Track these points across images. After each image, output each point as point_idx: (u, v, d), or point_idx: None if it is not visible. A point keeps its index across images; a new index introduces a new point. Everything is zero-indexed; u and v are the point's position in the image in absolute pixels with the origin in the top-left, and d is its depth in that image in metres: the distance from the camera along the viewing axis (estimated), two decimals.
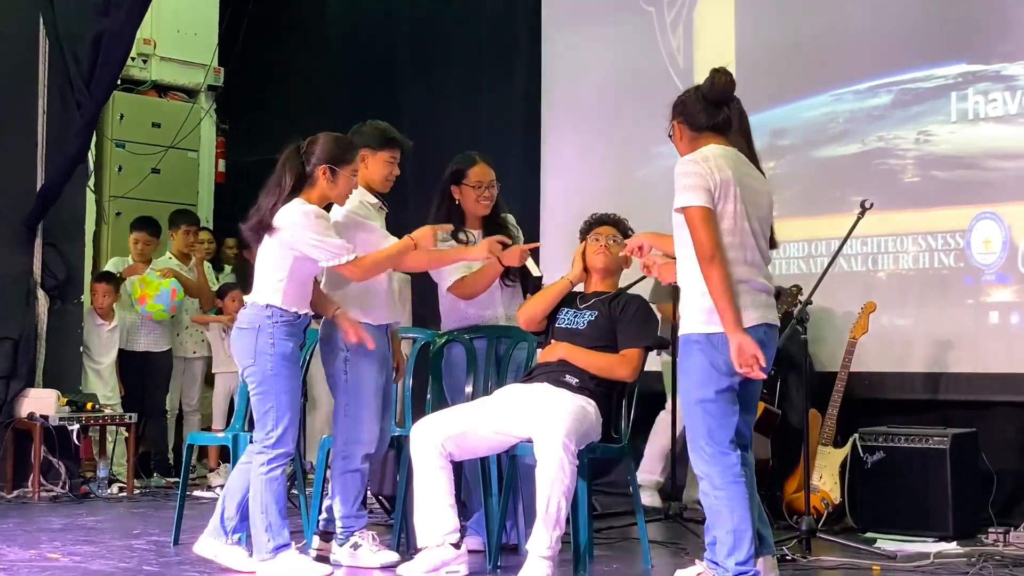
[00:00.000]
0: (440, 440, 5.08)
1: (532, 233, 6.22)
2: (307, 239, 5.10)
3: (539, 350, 5.60)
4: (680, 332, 4.55)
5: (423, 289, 6.89)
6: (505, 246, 5.53)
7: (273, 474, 5.07)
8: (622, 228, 5.59)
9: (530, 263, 5.66)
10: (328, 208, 5.34)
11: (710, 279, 4.37)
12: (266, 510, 5.04)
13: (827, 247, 6.89)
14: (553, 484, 4.83)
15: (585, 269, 5.54)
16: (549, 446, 4.86)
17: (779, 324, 4.66)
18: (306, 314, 5.22)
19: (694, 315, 4.47)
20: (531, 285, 5.85)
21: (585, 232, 5.62)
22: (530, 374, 5.46)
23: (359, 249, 5.23)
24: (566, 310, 5.47)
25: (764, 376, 4.43)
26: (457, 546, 5.05)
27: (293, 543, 5.13)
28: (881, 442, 6.40)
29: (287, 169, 5.19)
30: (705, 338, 4.42)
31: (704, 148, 4.54)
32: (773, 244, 4.73)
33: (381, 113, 8.82)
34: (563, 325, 5.45)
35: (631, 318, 5.37)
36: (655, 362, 6.44)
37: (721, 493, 4.40)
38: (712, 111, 4.58)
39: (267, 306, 5.12)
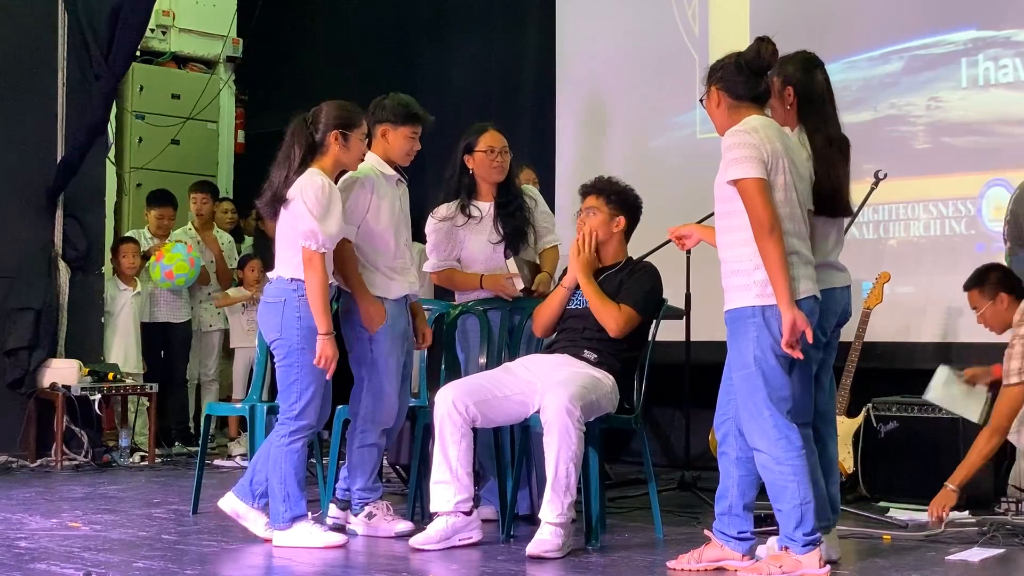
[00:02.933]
0: (466, 406, 5.10)
1: (547, 202, 6.24)
2: (299, 209, 5.11)
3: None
4: (728, 306, 4.51)
5: None
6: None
7: (294, 446, 5.13)
8: (605, 193, 5.50)
9: (516, 280, 5.74)
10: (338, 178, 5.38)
11: (768, 253, 4.35)
12: (284, 480, 5.11)
13: None
14: (559, 449, 4.88)
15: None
16: (553, 411, 4.91)
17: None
18: (331, 285, 5.23)
19: (747, 288, 4.45)
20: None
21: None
22: (551, 346, 5.50)
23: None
24: (579, 292, 5.48)
25: (801, 355, 4.41)
26: (469, 513, 5.11)
27: (310, 513, 5.20)
28: (895, 412, 6.44)
29: (295, 141, 5.23)
30: (760, 311, 4.42)
31: (750, 119, 4.52)
32: (848, 211, 4.76)
33: (397, 82, 8.88)
34: (572, 306, 5.48)
35: (636, 283, 5.40)
36: (673, 332, 6.46)
37: (786, 468, 4.40)
38: (754, 81, 4.57)
39: (292, 280, 5.14)
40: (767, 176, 4.41)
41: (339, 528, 5.48)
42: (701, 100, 4.72)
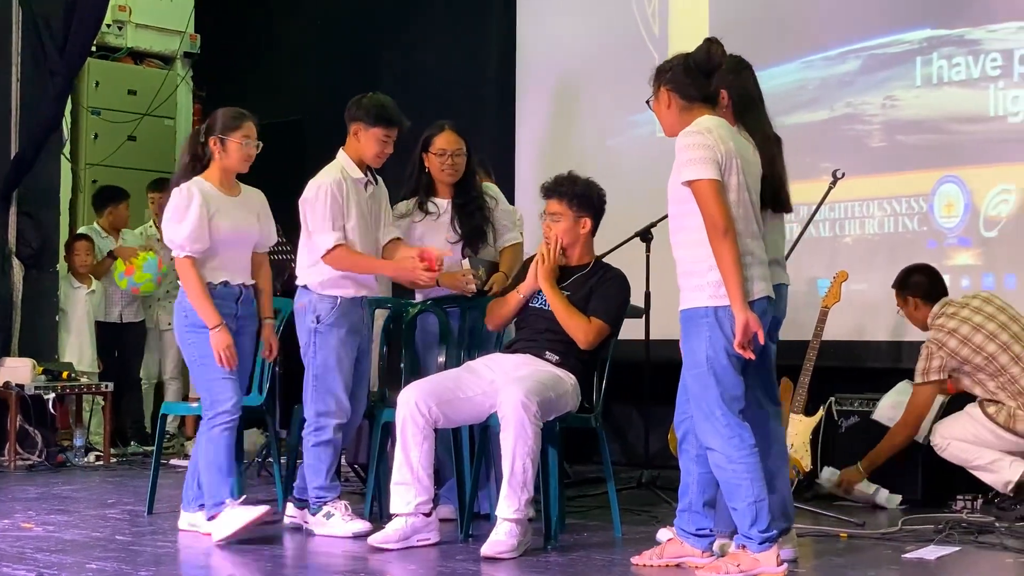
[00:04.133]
0: (429, 407, 5.08)
1: (507, 200, 6.24)
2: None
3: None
4: (682, 306, 4.53)
5: None
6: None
7: (212, 432, 5.25)
8: (568, 196, 5.40)
9: (469, 277, 5.72)
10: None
11: (722, 254, 4.35)
12: (208, 468, 5.23)
13: (795, 213, 6.86)
14: (515, 445, 4.87)
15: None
16: (509, 407, 4.90)
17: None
18: (236, 284, 5.40)
19: (700, 288, 4.45)
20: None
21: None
22: (512, 344, 5.48)
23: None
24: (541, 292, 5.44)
25: (752, 356, 4.43)
26: (428, 515, 5.10)
27: (230, 501, 5.19)
28: (857, 407, 6.48)
29: (185, 149, 5.51)
30: (713, 311, 4.42)
31: (702, 119, 4.52)
32: (788, 208, 4.79)
33: (357, 79, 8.91)
34: (534, 305, 5.44)
35: (608, 293, 5.35)
36: (633, 330, 6.47)
37: (739, 466, 4.41)
38: (704, 82, 4.57)
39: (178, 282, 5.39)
40: (721, 177, 4.42)
41: (296, 528, 5.46)
42: (648, 102, 4.71)
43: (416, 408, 5.07)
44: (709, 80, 4.58)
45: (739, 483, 4.42)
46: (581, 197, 5.41)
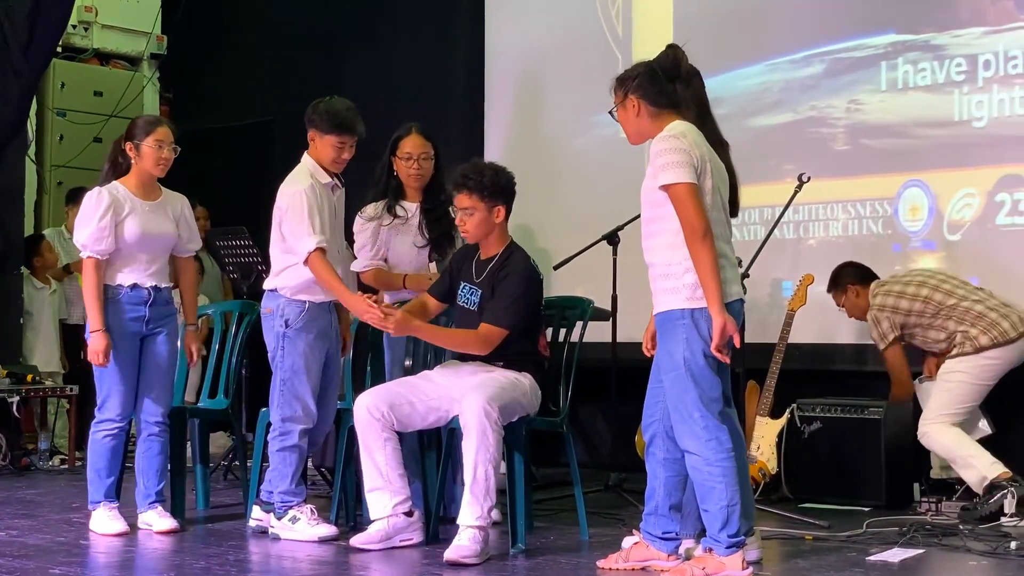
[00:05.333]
0: (384, 411, 5.10)
1: None
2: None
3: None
4: (658, 309, 4.53)
5: None
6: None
7: (96, 436, 5.54)
8: (479, 189, 5.22)
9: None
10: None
11: (701, 257, 4.37)
12: (90, 467, 5.56)
13: (760, 215, 6.96)
14: (477, 452, 4.87)
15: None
16: (471, 414, 4.90)
17: None
18: (146, 287, 5.52)
19: (676, 291, 4.46)
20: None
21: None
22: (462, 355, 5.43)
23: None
24: (464, 285, 5.36)
25: (728, 360, 4.46)
26: (409, 514, 5.12)
27: (104, 502, 5.50)
28: (819, 412, 6.50)
29: (106, 156, 5.66)
30: (689, 313, 4.43)
31: (676, 124, 4.53)
32: (737, 212, 4.80)
33: (323, 80, 8.90)
34: (461, 303, 5.38)
35: (501, 292, 5.24)
36: (598, 333, 6.47)
37: (716, 470, 4.42)
38: (671, 87, 4.59)
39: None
40: (697, 181, 4.43)
41: (262, 531, 5.45)
42: (611, 112, 4.70)
43: (369, 414, 5.10)
44: (675, 85, 4.60)
45: (714, 486, 4.43)
46: (492, 187, 5.25)
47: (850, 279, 6.49)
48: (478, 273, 5.34)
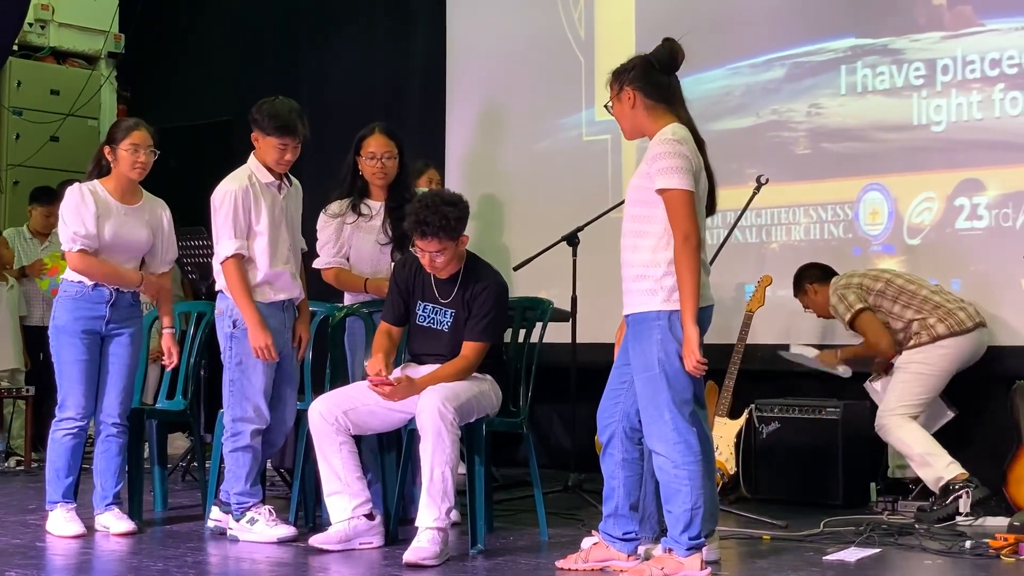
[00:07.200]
0: (336, 416, 5.11)
1: None
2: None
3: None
4: (633, 310, 4.53)
5: None
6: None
7: (55, 435, 5.55)
8: (445, 230, 5.08)
9: None
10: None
11: (687, 264, 4.37)
12: (49, 467, 5.58)
13: (723, 219, 6.97)
14: (434, 453, 4.87)
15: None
16: (426, 415, 4.90)
17: None
18: (109, 288, 5.52)
19: (653, 292, 4.47)
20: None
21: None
22: (418, 355, 5.40)
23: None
24: (425, 304, 5.32)
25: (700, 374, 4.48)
26: (370, 517, 5.11)
27: (62, 503, 5.49)
28: (776, 413, 6.55)
29: (92, 158, 5.67)
30: (666, 315, 4.44)
31: (676, 128, 4.52)
32: (712, 211, 4.77)
33: (281, 79, 8.87)
34: (424, 324, 5.33)
35: (477, 311, 5.21)
36: (558, 334, 6.48)
37: (682, 472, 4.43)
38: (666, 80, 4.59)
39: (63, 279, 5.62)
40: (695, 188, 4.44)
41: (221, 532, 5.43)
42: (607, 106, 4.70)
43: (323, 419, 5.11)
44: (670, 79, 4.60)
45: (679, 488, 4.44)
46: (457, 225, 5.13)
47: (809, 280, 6.56)
48: (443, 294, 5.29)
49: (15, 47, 8.98)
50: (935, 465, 5.94)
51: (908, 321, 6.15)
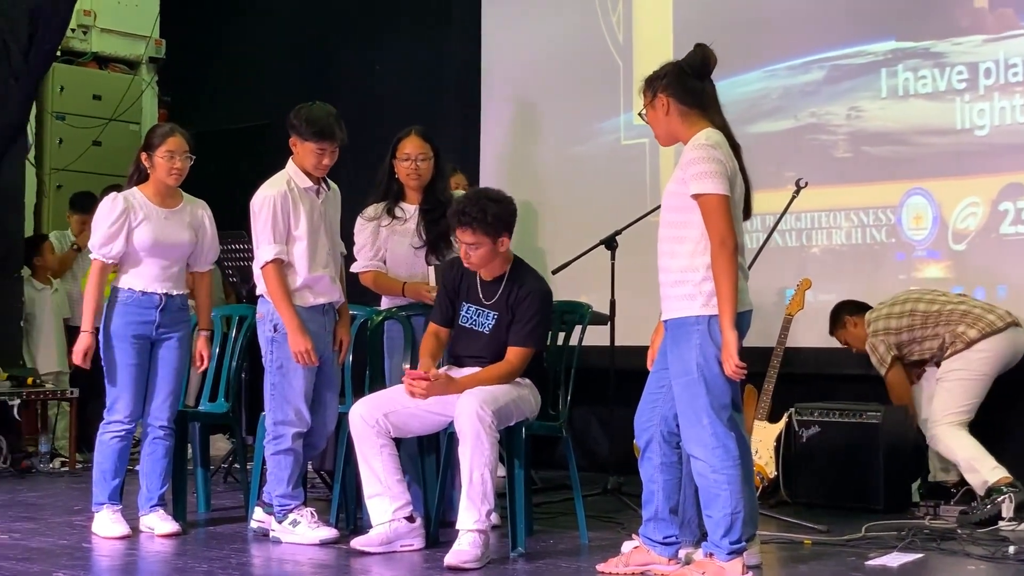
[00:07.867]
0: (376, 419, 5.14)
1: None
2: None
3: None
4: (672, 315, 4.53)
5: None
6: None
7: (103, 437, 5.60)
8: (482, 224, 5.15)
9: (434, 292, 5.69)
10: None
11: (725, 269, 4.38)
12: (96, 469, 5.62)
13: (761, 222, 6.97)
14: (472, 456, 4.89)
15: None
16: (464, 418, 4.92)
17: None
18: (158, 293, 5.58)
19: (692, 297, 4.47)
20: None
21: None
22: (458, 357, 5.42)
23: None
24: (469, 306, 5.36)
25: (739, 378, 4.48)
26: (411, 519, 5.14)
27: (108, 504, 5.56)
28: (816, 417, 6.52)
29: (132, 162, 5.74)
30: (705, 320, 4.44)
31: (711, 133, 4.52)
32: (748, 214, 4.76)
33: (320, 84, 8.90)
34: (466, 324, 5.37)
35: (521, 316, 5.24)
36: (597, 337, 6.49)
37: (721, 477, 4.43)
38: (699, 86, 4.59)
39: (112, 285, 5.65)
40: (731, 193, 4.45)
41: (263, 533, 5.47)
42: (640, 113, 4.70)
43: (363, 421, 5.14)
44: (703, 84, 4.60)
45: (719, 493, 4.44)
46: (495, 220, 5.18)
47: (847, 312, 6.62)
48: (488, 295, 5.33)
49: (58, 52, 9.04)
50: (980, 470, 5.94)
51: (942, 336, 6.18)
